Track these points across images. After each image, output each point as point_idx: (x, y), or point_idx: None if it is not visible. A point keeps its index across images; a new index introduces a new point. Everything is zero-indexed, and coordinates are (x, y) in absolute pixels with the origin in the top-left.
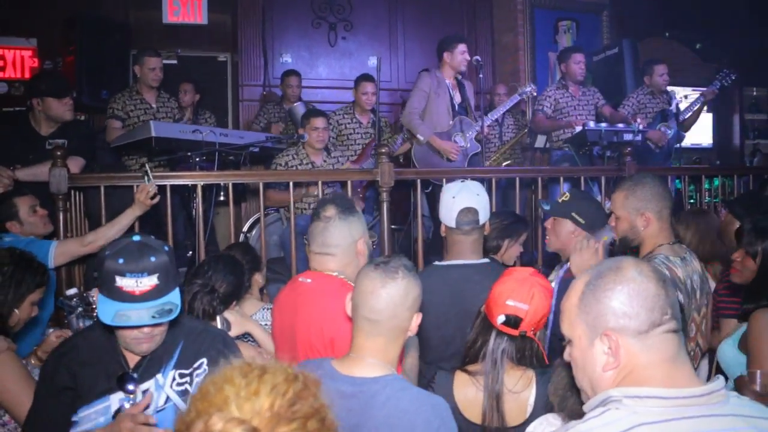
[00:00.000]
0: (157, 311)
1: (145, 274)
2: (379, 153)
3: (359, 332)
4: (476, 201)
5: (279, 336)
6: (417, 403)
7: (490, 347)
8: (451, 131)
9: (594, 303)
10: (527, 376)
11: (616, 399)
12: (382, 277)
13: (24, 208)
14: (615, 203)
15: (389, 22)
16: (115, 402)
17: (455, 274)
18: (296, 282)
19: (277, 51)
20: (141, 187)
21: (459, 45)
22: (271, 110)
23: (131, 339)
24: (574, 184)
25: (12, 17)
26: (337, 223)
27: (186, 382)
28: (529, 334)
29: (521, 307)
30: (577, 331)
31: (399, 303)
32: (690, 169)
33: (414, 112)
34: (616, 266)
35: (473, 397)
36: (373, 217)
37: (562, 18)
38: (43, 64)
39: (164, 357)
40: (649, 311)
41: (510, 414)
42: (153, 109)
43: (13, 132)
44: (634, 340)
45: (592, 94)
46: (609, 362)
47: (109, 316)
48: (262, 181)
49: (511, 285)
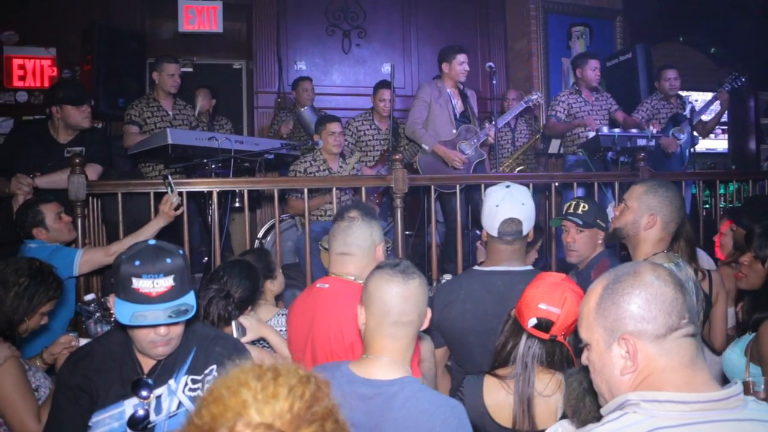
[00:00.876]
0: (173, 311)
1: (161, 275)
2: (394, 159)
3: (384, 337)
4: (520, 211)
5: (295, 341)
6: (436, 404)
7: (521, 351)
8: (456, 140)
9: (612, 307)
10: (556, 379)
11: (633, 402)
12: (406, 281)
13: (50, 215)
14: (632, 193)
15: (402, 29)
16: (130, 407)
17: (499, 281)
18: (314, 288)
19: (292, 58)
20: (165, 199)
21: (458, 56)
22: (284, 118)
23: (147, 342)
24: (587, 189)
25: (32, 28)
26: (360, 224)
27: (198, 388)
28: (559, 338)
29: (553, 311)
30: (595, 335)
31: (423, 301)
32: (705, 174)
33: (417, 122)
34: (634, 270)
35: (503, 400)
36: (387, 222)
37: (575, 23)
38: (61, 73)
39: (177, 363)
40: (666, 315)
41: (540, 417)
42: (169, 116)
43: (32, 140)
44: (651, 344)
45: (606, 99)
46: (627, 366)
47: (127, 317)
48: (277, 188)
49: (544, 289)
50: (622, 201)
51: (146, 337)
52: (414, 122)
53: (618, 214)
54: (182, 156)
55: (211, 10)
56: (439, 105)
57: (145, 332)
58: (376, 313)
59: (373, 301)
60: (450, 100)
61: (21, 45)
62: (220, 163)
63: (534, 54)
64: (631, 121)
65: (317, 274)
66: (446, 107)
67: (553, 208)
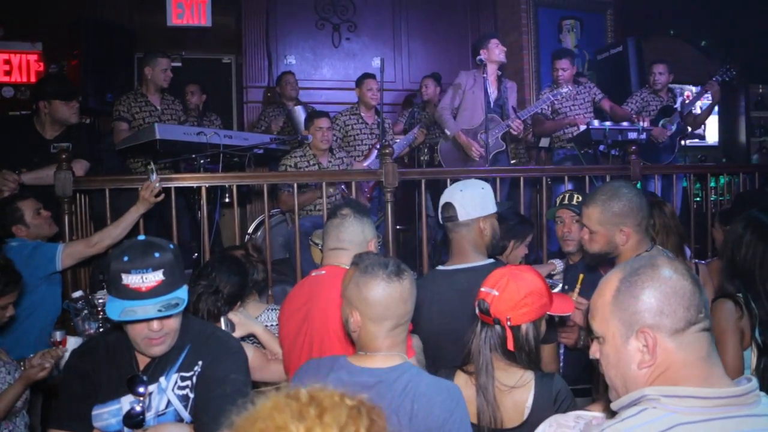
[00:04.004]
0: (163, 305)
1: (149, 270)
2: (384, 153)
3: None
4: (457, 197)
5: (287, 332)
6: (434, 386)
7: (476, 341)
8: (478, 129)
9: (630, 300)
10: (526, 377)
11: (652, 398)
12: (400, 283)
13: (29, 212)
14: (589, 219)
15: (393, 23)
16: (126, 404)
17: (462, 278)
18: (309, 276)
19: (281, 53)
20: (145, 185)
21: (492, 39)
22: (272, 113)
23: (142, 339)
24: (578, 183)
25: (17, 22)
26: (353, 220)
27: (187, 386)
28: (503, 323)
29: (490, 292)
30: (611, 328)
31: (415, 297)
32: (696, 167)
33: (445, 108)
34: (652, 263)
35: (470, 396)
36: (378, 217)
37: (566, 17)
38: (48, 68)
39: (170, 360)
40: (686, 309)
41: (506, 414)
42: (158, 111)
43: (18, 136)
44: (670, 338)
45: (588, 89)
46: (645, 360)
47: (116, 313)
48: (267, 183)
49: (491, 276)
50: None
51: (141, 333)
52: (443, 107)
53: (587, 239)
54: (171, 151)
55: (200, 4)
56: (472, 93)
57: (139, 328)
58: (375, 318)
59: (370, 306)
60: (485, 89)
61: (6, 40)
62: (209, 158)
63: (525, 48)
64: (620, 111)
65: (307, 269)
66: (480, 95)
67: (545, 202)
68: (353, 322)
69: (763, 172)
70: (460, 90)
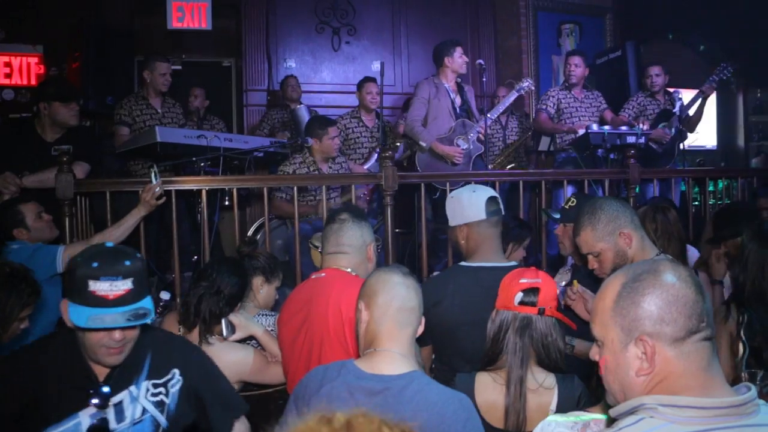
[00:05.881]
0: (131, 315)
1: (119, 277)
2: (383, 157)
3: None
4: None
5: (286, 334)
6: (444, 396)
7: (511, 346)
8: (452, 135)
9: (631, 306)
10: (549, 380)
11: (650, 407)
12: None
13: (30, 215)
14: (587, 243)
15: (393, 27)
16: (86, 419)
17: (486, 276)
18: (310, 279)
19: (281, 56)
20: (147, 187)
21: (457, 48)
22: (274, 116)
23: (100, 347)
24: (577, 187)
25: (19, 25)
26: (351, 225)
27: (161, 393)
28: (548, 311)
29: (535, 280)
30: (610, 334)
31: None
32: (694, 171)
33: (416, 120)
34: (654, 269)
35: (495, 399)
36: (377, 220)
37: (565, 21)
38: (48, 71)
39: (134, 368)
40: (687, 318)
41: (531, 416)
42: (159, 115)
43: (18, 138)
44: (670, 347)
45: (596, 98)
46: (642, 367)
47: (82, 320)
48: (267, 186)
49: (517, 272)
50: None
51: (99, 341)
52: (413, 120)
53: (597, 266)
54: (171, 154)
55: (200, 8)
56: (437, 101)
57: (98, 337)
58: (381, 304)
59: (377, 292)
60: (448, 95)
61: (7, 42)
62: (209, 161)
63: (524, 52)
64: (619, 121)
65: (307, 272)
66: (445, 102)
67: (544, 206)
68: (361, 317)
69: (762, 177)
70: (425, 100)
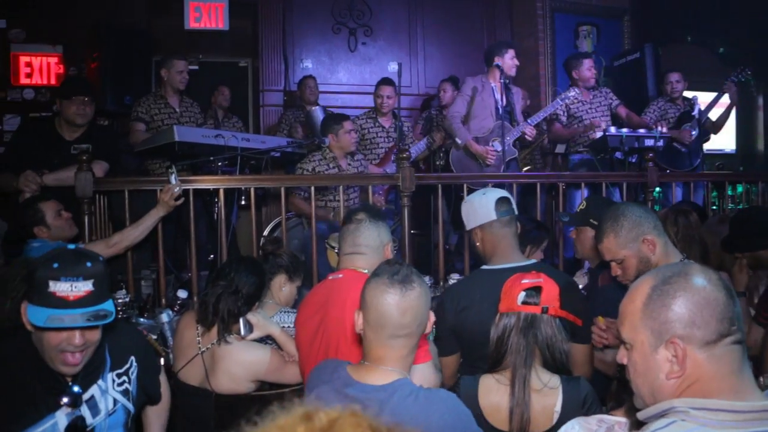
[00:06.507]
0: (92, 315)
1: (80, 278)
2: (401, 158)
3: (381, 347)
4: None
5: (304, 335)
6: (429, 402)
7: (514, 347)
8: (489, 136)
9: (661, 309)
10: (553, 381)
11: (681, 410)
12: (403, 293)
13: (50, 213)
14: (610, 250)
15: (409, 27)
16: (62, 418)
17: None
18: (327, 280)
19: (298, 56)
20: (166, 188)
21: (510, 50)
22: (291, 116)
23: (58, 353)
24: (594, 189)
25: (39, 25)
26: (368, 225)
27: (125, 381)
28: (551, 311)
29: (537, 280)
30: (639, 336)
31: (422, 311)
32: (714, 175)
33: (456, 116)
34: (684, 272)
35: (499, 401)
36: (394, 221)
37: (582, 23)
38: (68, 71)
39: (97, 362)
40: (718, 321)
41: (535, 417)
42: (177, 114)
43: (39, 137)
44: (701, 350)
45: (604, 95)
46: (673, 370)
47: (41, 320)
48: (284, 186)
49: (517, 275)
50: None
51: (59, 345)
52: (452, 116)
53: (620, 273)
54: (189, 153)
55: (217, 8)
56: (481, 99)
57: (58, 340)
58: (372, 324)
59: (369, 310)
60: (493, 95)
61: (28, 42)
62: (226, 160)
63: (541, 53)
64: (636, 118)
65: (324, 272)
66: (488, 102)
67: (561, 208)
68: (357, 322)
69: None
70: (468, 97)
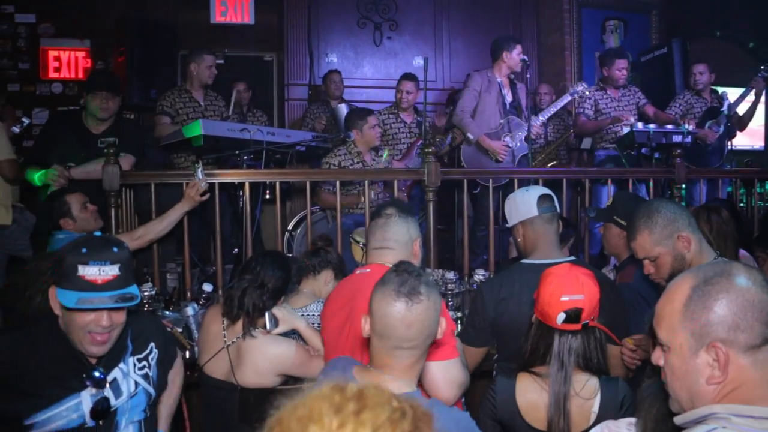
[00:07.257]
0: (119, 297)
1: (107, 263)
2: (426, 153)
3: (386, 357)
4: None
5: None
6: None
7: (556, 349)
8: (500, 132)
9: (702, 311)
10: (591, 382)
11: (722, 417)
12: (410, 306)
13: (76, 205)
14: (644, 248)
15: (435, 22)
16: (87, 398)
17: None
18: (354, 274)
19: (323, 50)
20: (192, 183)
21: (517, 45)
22: (316, 111)
23: (86, 334)
24: (620, 185)
25: (67, 20)
26: (397, 220)
27: (145, 366)
28: (591, 323)
29: (577, 298)
30: (678, 338)
31: (429, 324)
32: (743, 172)
33: (465, 111)
34: (727, 272)
35: (537, 400)
36: (419, 216)
37: (609, 17)
38: (95, 65)
39: (120, 346)
40: (764, 324)
41: (574, 420)
42: (201, 107)
43: (67, 130)
44: (744, 355)
45: (633, 93)
46: (714, 375)
47: (72, 302)
48: (309, 180)
49: (558, 282)
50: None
51: (87, 326)
52: (461, 111)
53: (654, 271)
54: (214, 147)
55: (243, 2)
56: (489, 94)
57: (86, 321)
58: (378, 333)
59: (375, 319)
60: (500, 90)
61: (56, 37)
62: (252, 154)
63: (567, 48)
64: (663, 116)
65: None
66: (495, 97)
67: (586, 205)
68: (364, 327)
69: None
70: (476, 92)
